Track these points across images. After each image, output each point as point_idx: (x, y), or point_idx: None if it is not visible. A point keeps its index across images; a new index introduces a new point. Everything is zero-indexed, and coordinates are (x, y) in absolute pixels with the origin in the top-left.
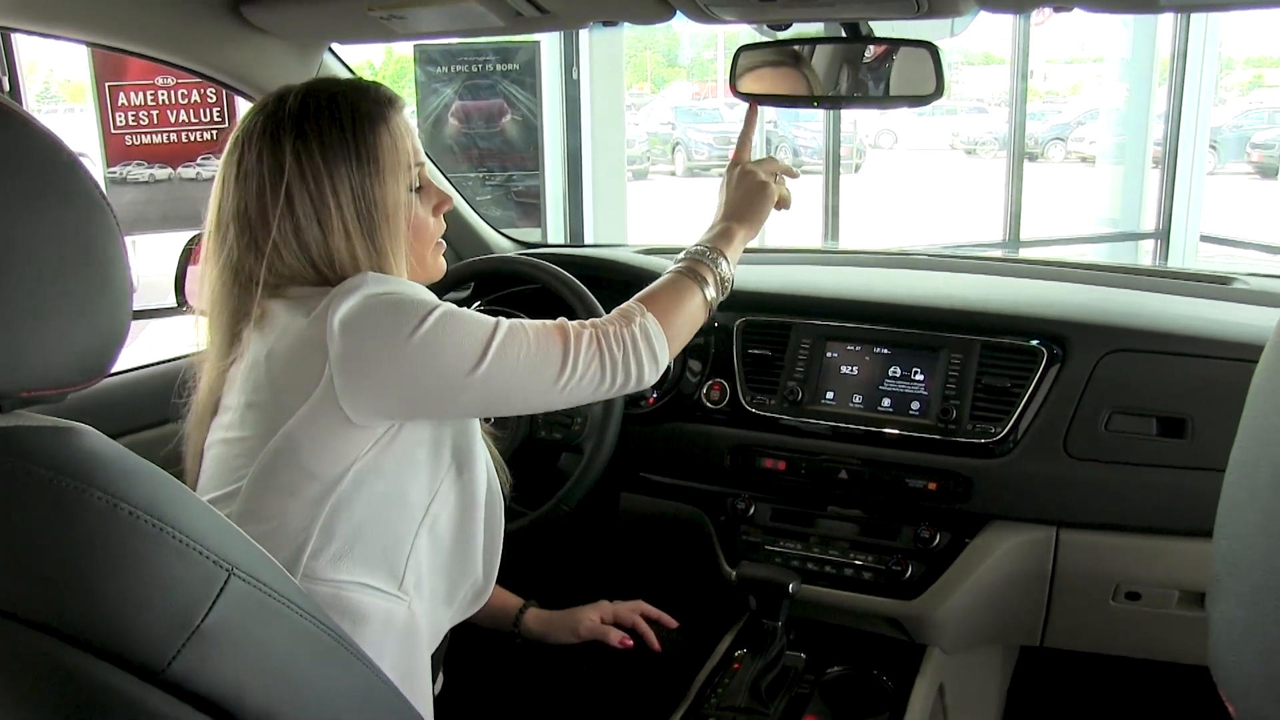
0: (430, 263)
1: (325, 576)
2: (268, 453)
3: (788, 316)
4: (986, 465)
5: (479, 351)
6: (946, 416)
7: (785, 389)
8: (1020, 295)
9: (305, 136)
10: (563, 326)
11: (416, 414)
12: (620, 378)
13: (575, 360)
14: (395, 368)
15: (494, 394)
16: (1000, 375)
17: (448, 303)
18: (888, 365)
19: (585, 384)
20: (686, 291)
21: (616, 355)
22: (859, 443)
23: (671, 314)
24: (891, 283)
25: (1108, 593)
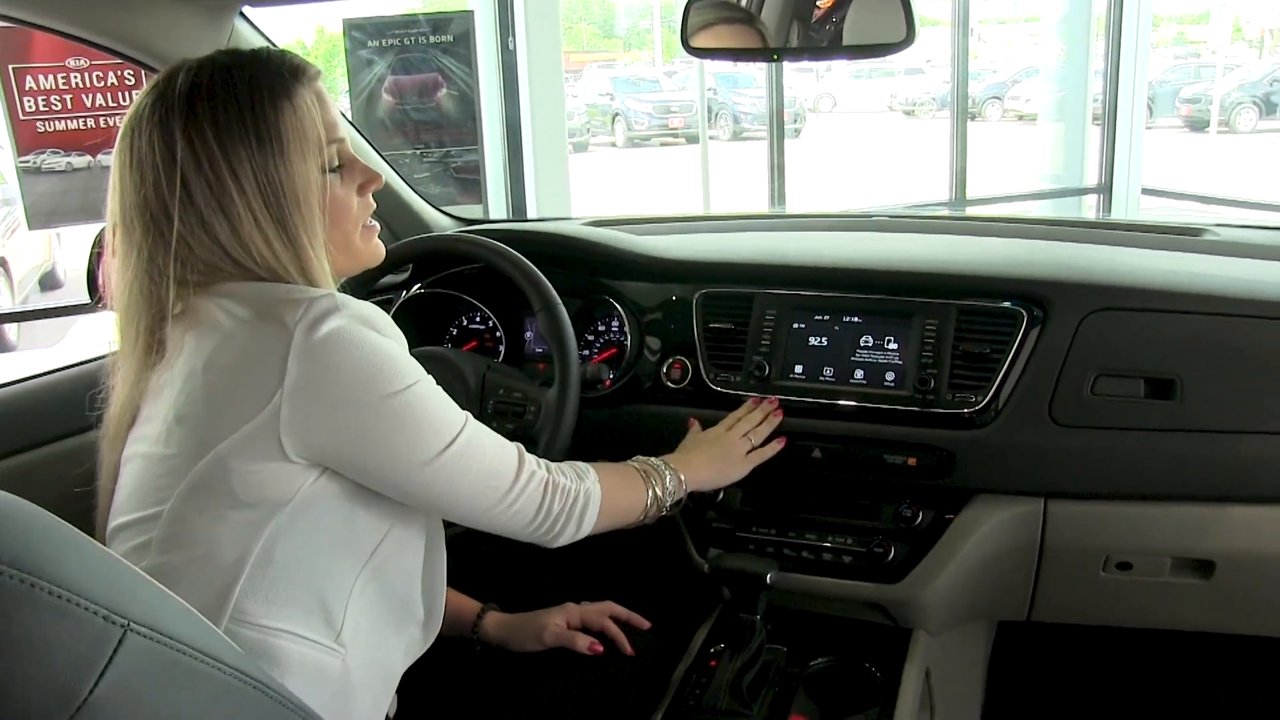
0: (360, 247)
1: (255, 620)
2: (197, 474)
3: (750, 287)
4: (968, 437)
5: (440, 445)
6: (924, 387)
7: (751, 364)
8: (995, 255)
9: (197, 117)
10: (520, 453)
11: (349, 472)
12: (545, 528)
13: (519, 494)
14: (355, 422)
15: (432, 491)
16: (979, 341)
17: (430, 377)
18: (859, 335)
19: (513, 519)
20: (635, 485)
21: (555, 507)
22: (832, 418)
23: (616, 495)
24: (858, 247)
25: (1098, 564)
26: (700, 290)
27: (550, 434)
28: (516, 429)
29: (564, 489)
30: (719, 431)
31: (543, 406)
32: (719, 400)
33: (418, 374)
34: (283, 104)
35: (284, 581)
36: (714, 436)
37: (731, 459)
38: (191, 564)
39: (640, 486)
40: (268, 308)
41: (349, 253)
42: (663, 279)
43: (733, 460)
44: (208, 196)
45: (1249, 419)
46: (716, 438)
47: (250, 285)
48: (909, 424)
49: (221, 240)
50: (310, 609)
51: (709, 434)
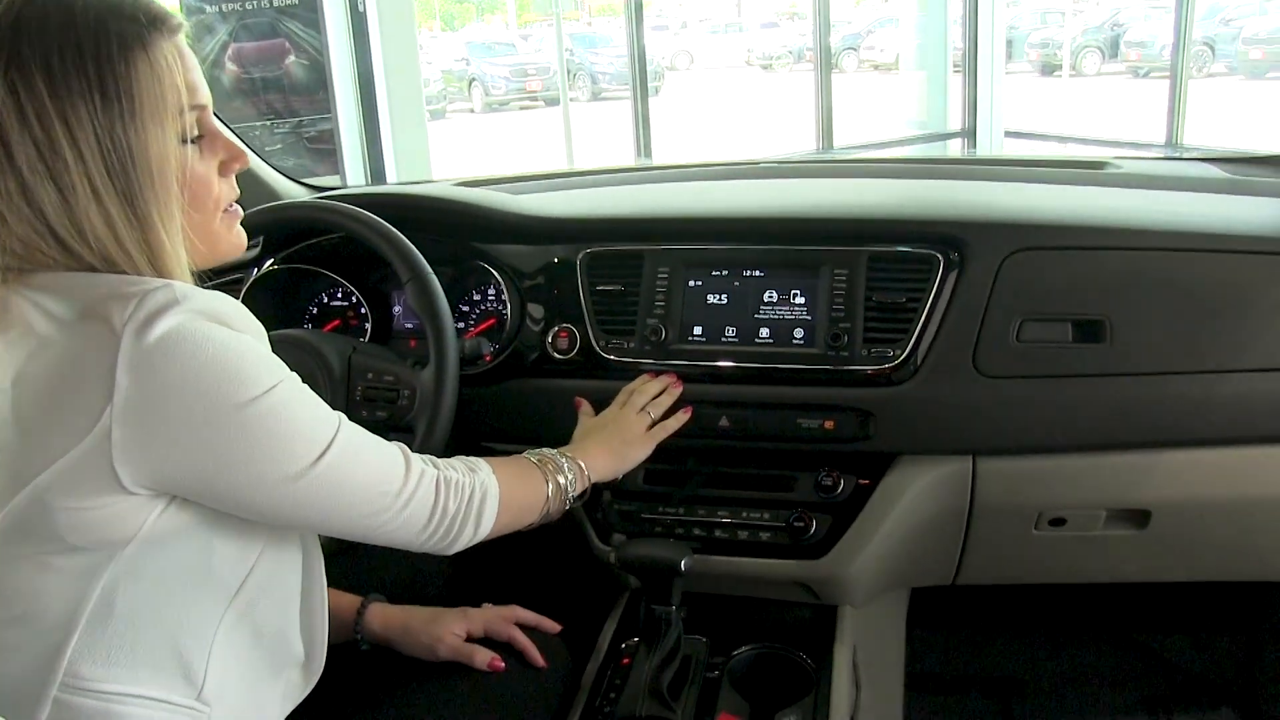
0: (221, 234)
1: (93, 685)
2: (11, 513)
3: (639, 243)
4: (888, 395)
5: (311, 455)
6: (836, 343)
7: (645, 328)
8: (903, 197)
9: (25, 63)
10: (405, 452)
11: (203, 499)
12: (440, 533)
13: (409, 499)
14: (205, 440)
15: (307, 509)
16: (893, 290)
17: (295, 376)
18: (762, 289)
19: (404, 527)
20: (532, 477)
21: (450, 507)
22: (738, 382)
23: (514, 488)
24: (754, 195)
25: (1030, 521)
26: (584, 250)
27: (428, 419)
28: (389, 416)
29: (458, 485)
30: (614, 411)
31: (418, 389)
32: (611, 369)
33: (279, 374)
34: (136, 55)
35: (128, 636)
36: (609, 418)
37: (631, 439)
38: (8, 625)
39: (538, 478)
40: (92, 304)
41: (208, 240)
42: (542, 240)
43: (633, 441)
44: (33, 159)
45: (1181, 359)
46: (612, 419)
47: (73, 276)
48: (822, 384)
49: (47, 214)
50: (163, 665)
51: (603, 416)
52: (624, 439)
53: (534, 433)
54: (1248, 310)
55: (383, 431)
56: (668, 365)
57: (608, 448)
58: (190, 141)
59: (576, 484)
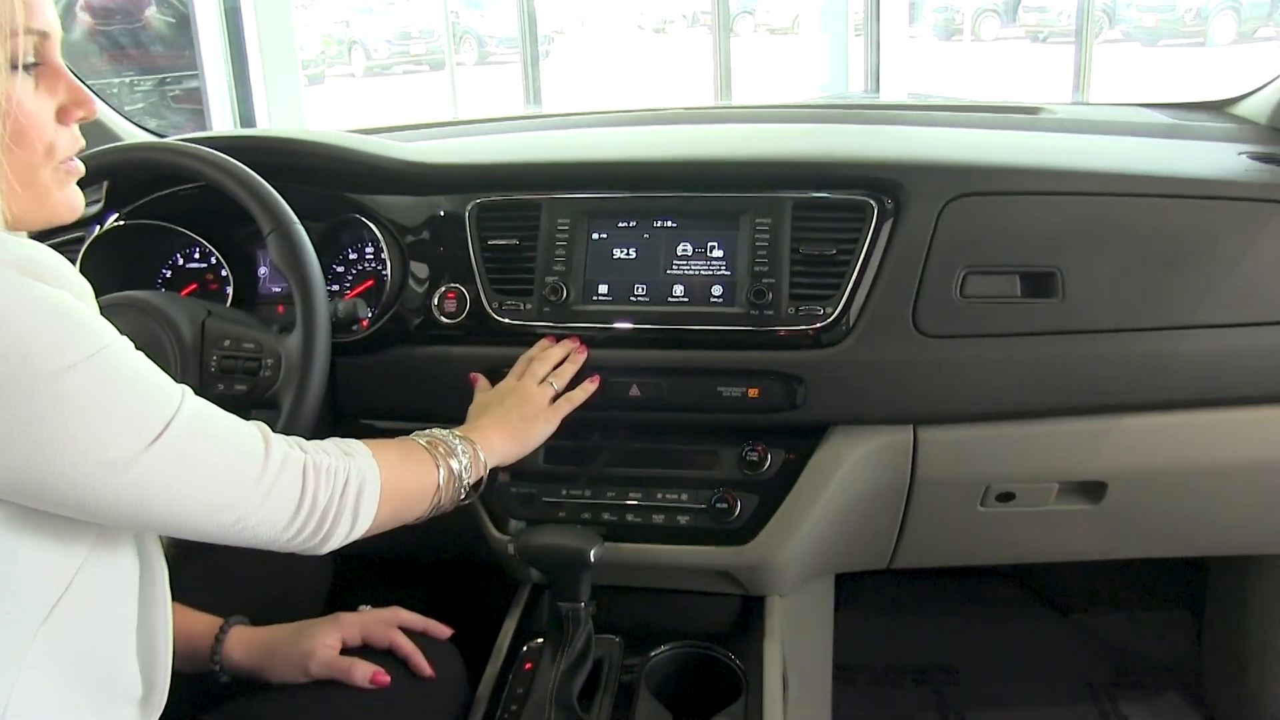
0: (50, 188)
1: None
2: None
3: (536, 192)
4: (818, 358)
5: (147, 435)
6: (759, 300)
7: (543, 287)
8: (831, 141)
9: None
10: (265, 433)
11: (6, 491)
12: (309, 529)
13: (270, 487)
14: (7, 415)
15: (141, 502)
16: (821, 240)
17: (126, 340)
18: (675, 242)
19: (265, 523)
20: (420, 461)
21: (320, 498)
22: (650, 346)
23: (399, 474)
24: (664, 139)
25: (976, 497)
26: (474, 201)
27: (295, 393)
28: (250, 390)
29: (330, 471)
30: (511, 384)
31: (283, 358)
32: (507, 334)
33: (104, 337)
34: None
35: None
36: (506, 391)
37: (532, 415)
38: None
39: (426, 463)
40: None
41: (33, 191)
42: (427, 190)
43: (534, 417)
44: None
45: (1139, 314)
46: (510, 392)
47: None
48: (745, 347)
49: None
50: None
51: (500, 390)
52: (524, 415)
53: (421, 409)
54: (1208, 260)
55: (243, 410)
56: (570, 329)
57: (506, 426)
58: (23, 69)
59: (472, 470)
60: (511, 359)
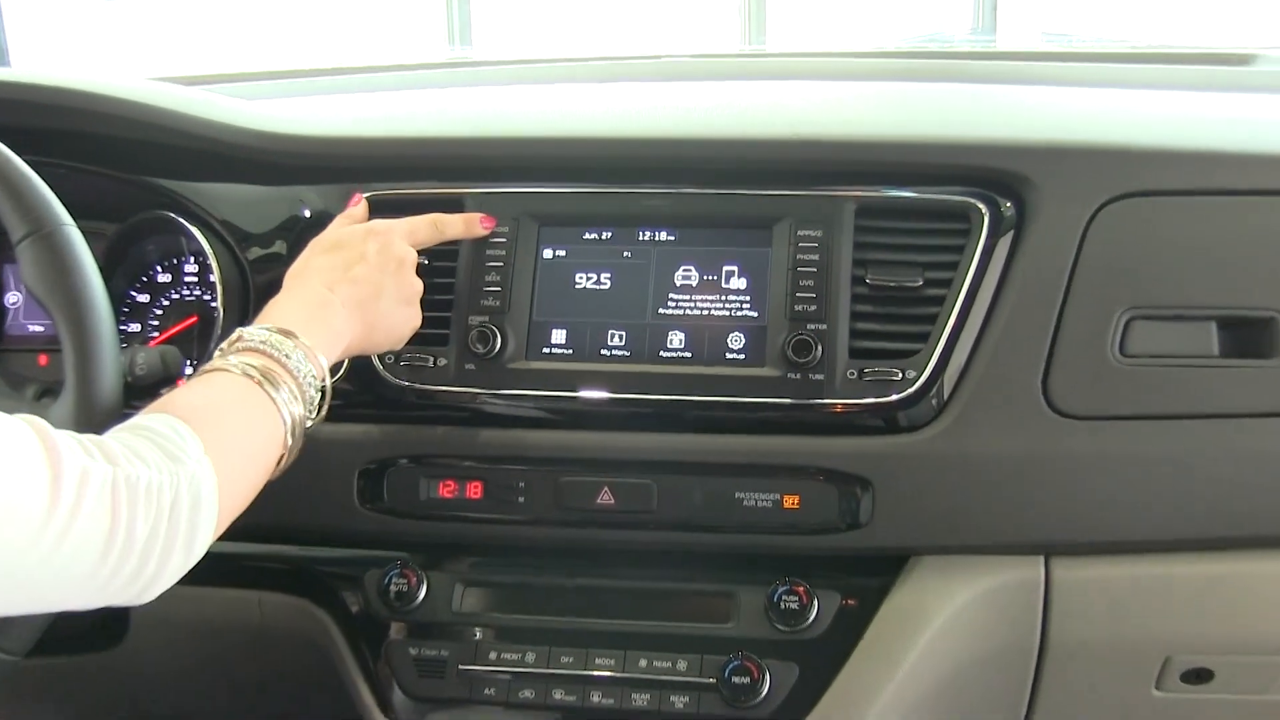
0: None
1: None
2: None
3: (456, 183)
4: (893, 449)
5: None
6: (803, 358)
7: (465, 333)
8: (916, 111)
9: None
10: (46, 441)
11: None
12: (125, 576)
13: (64, 527)
14: None
15: None
16: (901, 265)
17: None
18: (672, 265)
19: (59, 580)
20: (256, 412)
21: (138, 530)
22: (631, 428)
23: (236, 451)
24: (654, 106)
25: (1149, 674)
26: (362, 196)
27: None
28: None
29: (150, 490)
30: (348, 232)
31: None
32: (407, 406)
33: None
34: None
35: None
36: (339, 240)
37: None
38: None
39: (263, 409)
40: None
41: None
42: (285, 177)
43: (384, 259)
44: None
45: None
46: (344, 242)
47: None
48: (779, 430)
49: None
50: None
51: (327, 238)
52: (367, 261)
53: (273, 524)
54: None
55: None
56: (506, 400)
57: (348, 286)
58: None
59: (315, 379)
60: (412, 443)
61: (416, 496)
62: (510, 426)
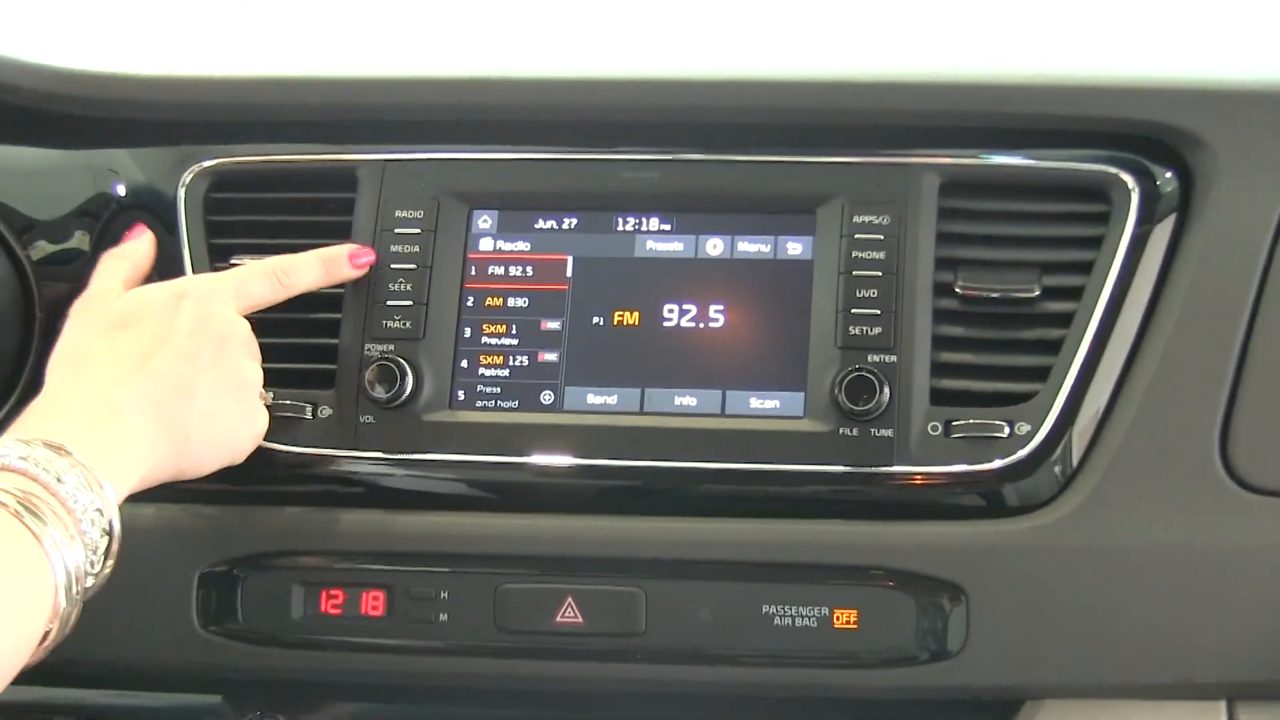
0: None
1: None
2: None
3: (342, 147)
4: (996, 540)
5: None
6: (862, 403)
7: (360, 371)
8: (1023, 44)
9: None
10: None
11: None
12: None
13: None
14: None
15: None
16: (1009, 267)
17: None
18: (670, 268)
19: None
20: (16, 556)
21: None
22: (607, 510)
23: None
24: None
25: None
26: (197, 167)
27: None
28: None
29: None
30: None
31: None
32: (270, 478)
33: None
34: None
35: None
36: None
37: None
38: None
39: (21, 547)
40: None
41: None
42: (86, 135)
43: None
44: None
45: None
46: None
47: None
48: (829, 512)
49: None
50: None
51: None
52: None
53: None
54: None
55: None
56: (423, 470)
57: (146, 383)
58: None
59: (99, 516)
60: (285, 535)
61: (286, 614)
62: (427, 508)
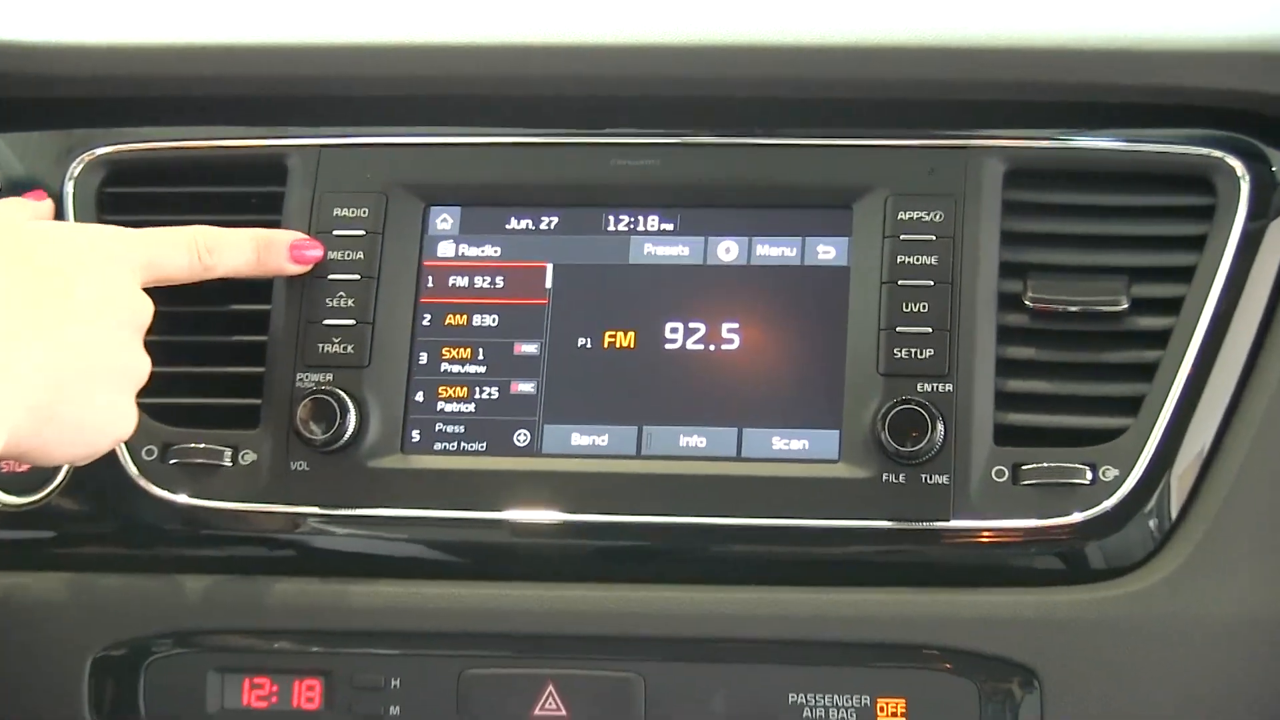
0: None
1: None
2: None
3: (271, 130)
4: (1076, 613)
5: None
6: (910, 442)
7: (291, 406)
8: None
9: None
10: None
11: None
12: None
13: None
14: None
15: None
16: (1091, 275)
17: None
18: (672, 277)
19: None
20: None
21: None
22: (597, 576)
23: None
24: None
25: None
26: (89, 155)
27: None
28: None
29: None
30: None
31: None
32: (188, 543)
33: None
34: None
35: None
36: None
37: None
38: None
39: None
40: None
41: None
42: None
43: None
44: None
45: None
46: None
47: None
48: (870, 578)
49: None
50: None
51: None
52: (75, 311)
53: None
54: None
55: None
56: (368, 530)
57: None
58: None
59: None
60: (198, 610)
61: (200, 707)
62: (374, 575)
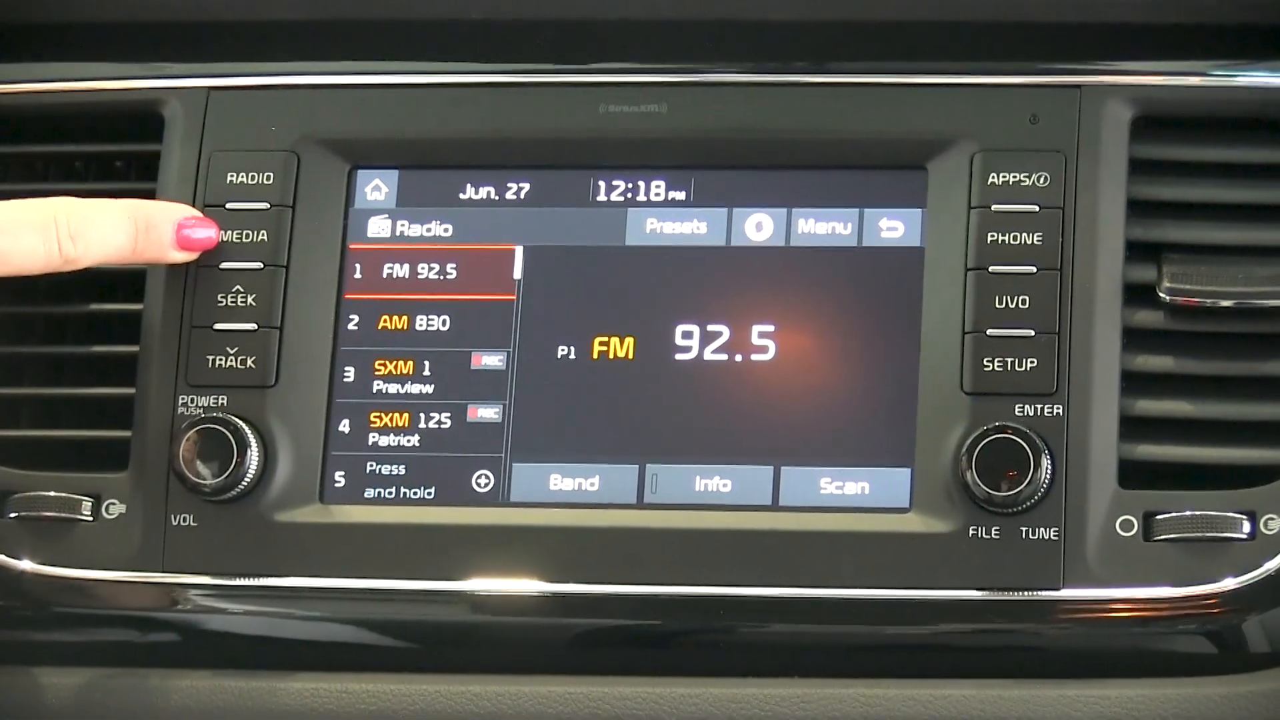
0: None
1: None
2: None
3: (143, 72)
4: (1227, 708)
5: None
6: (1004, 485)
7: (172, 440)
8: None
9: None
10: None
11: None
12: None
13: None
14: None
15: None
16: (1244, 255)
17: None
18: (684, 262)
19: None
20: None
21: None
22: (588, 668)
23: None
24: None
25: None
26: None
27: None
28: None
29: None
30: None
31: None
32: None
33: None
34: None
35: None
36: None
37: None
38: None
39: None
40: None
41: None
42: None
43: None
44: None
45: None
46: None
47: None
48: (955, 667)
49: None
50: None
51: None
52: None
53: None
54: None
55: None
56: (277, 607)
57: None
58: None
59: None
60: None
61: None
62: (284, 669)
